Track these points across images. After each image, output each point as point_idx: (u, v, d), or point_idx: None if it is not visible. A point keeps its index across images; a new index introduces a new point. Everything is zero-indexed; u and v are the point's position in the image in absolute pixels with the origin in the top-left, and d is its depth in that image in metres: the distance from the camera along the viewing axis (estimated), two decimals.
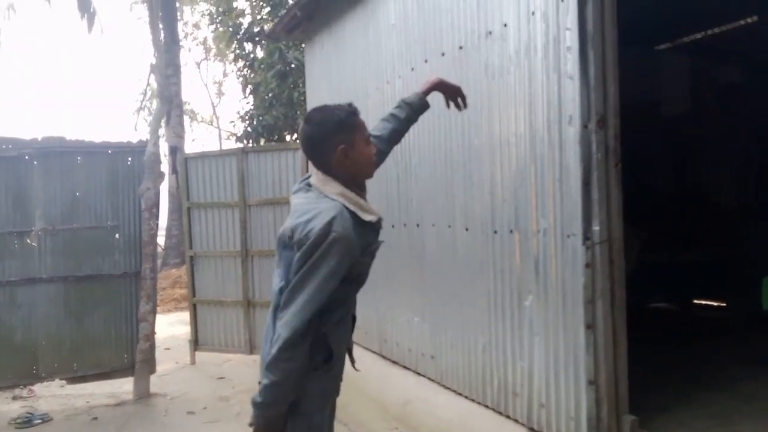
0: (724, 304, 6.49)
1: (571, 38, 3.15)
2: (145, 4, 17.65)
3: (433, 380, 4.50)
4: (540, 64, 3.37)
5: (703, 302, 6.79)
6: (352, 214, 1.97)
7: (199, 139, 32.95)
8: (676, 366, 4.30)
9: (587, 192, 3.15)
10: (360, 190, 2.11)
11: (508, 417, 3.71)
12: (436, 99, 4.31)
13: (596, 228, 3.14)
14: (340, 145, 2.00)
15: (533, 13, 3.41)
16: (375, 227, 2.11)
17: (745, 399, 3.88)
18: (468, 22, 3.97)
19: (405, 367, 4.90)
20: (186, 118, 20.42)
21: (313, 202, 1.99)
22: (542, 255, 3.40)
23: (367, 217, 2.03)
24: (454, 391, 4.24)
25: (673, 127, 6.98)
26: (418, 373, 4.70)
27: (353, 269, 2.00)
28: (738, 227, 6.24)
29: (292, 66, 10.09)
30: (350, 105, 2.09)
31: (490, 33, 3.77)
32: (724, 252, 5.95)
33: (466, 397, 4.11)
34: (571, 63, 3.16)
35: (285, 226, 2.02)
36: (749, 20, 7.07)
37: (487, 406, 3.90)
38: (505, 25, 3.63)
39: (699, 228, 6.35)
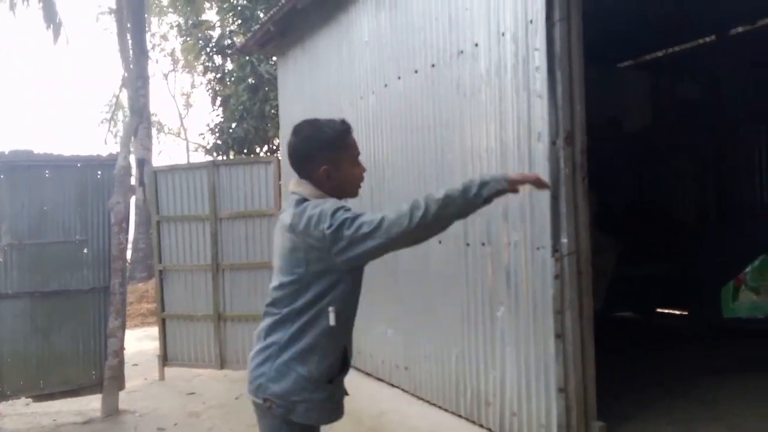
0: (686, 313, 6.72)
1: (539, 58, 3.29)
2: (112, 15, 17.43)
3: (406, 391, 4.56)
4: (510, 83, 3.50)
5: (666, 311, 7.01)
6: None
7: (166, 152, 32.63)
8: (640, 373, 4.45)
9: (555, 206, 3.28)
10: None
11: (481, 426, 3.79)
12: (410, 114, 4.41)
13: (564, 240, 3.26)
14: (323, 166, 1.97)
15: (503, 34, 3.54)
16: None
17: (705, 405, 4.05)
18: (440, 40, 4.09)
19: (379, 379, 4.95)
20: (153, 130, 20.17)
21: (295, 205, 1.98)
22: (513, 267, 3.51)
23: None
24: (428, 401, 4.31)
25: (634, 142, 7.23)
26: (392, 385, 4.76)
27: (352, 274, 2.00)
28: (697, 239, 6.48)
29: (265, 78, 10.11)
30: (343, 122, 2.04)
31: (462, 52, 3.89)
32: (685, 263, 6.17)
33: (439, 407, 4.18)
34: (539, 82, 3.30)
35: (284, 230, 1.99)
36: (707, 39, 7.41)
37: (460, 416, 3.97)
38: (476, 45, 3.76)
39: (660, 240, 6.58)
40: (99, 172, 5.72)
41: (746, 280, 4.09)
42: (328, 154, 1.98)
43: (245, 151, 10.99)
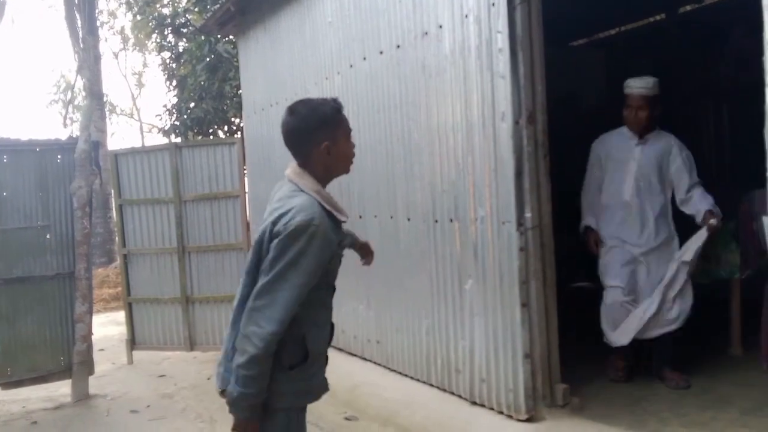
0: None
1: (502, 40, 3.42)
2: None
3: (379, 364, 4.72)
4: (474, 64, 3.62)
5: None
6: (327, 212, 2.00)
7: (119, 133, 31.68)
8: (600, 339, 4.71)
9: (519, 182, 3.44)
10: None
11: (451, 393, 3.98)
12: (377, 94, 4.50)
13: (528, 215, 3.43)
14: (324, 141, 2.02)
15: (466, 16, 3.64)
16: (341, 225, 2.16)
17: None
18: (405, 22, 4.17)
19: (351, 354, 5.09)
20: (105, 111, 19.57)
21: (289, 196, 2.00)
22: (480, 241, 3.67)
23: (341, 217, 2.08)
24: (400, 372, 4.47)
25: (590, 121, 7.47)
26: (365, 359, 4.91)
27: (331, 263, 2.05)
28: None
29: (224, 58, 9.94)
30: (335, 100, 2.10)
31: (426, 33, 3.98)
32: None
33: (411, 378, 4.35)
34: (502, 63, 3.43)
35: (265, 221, 2.02)
36: (657, 17, 7.68)
37: (432, 385, 4.15)
38: (441, 27, 3.85)
39: None
40: (59, 156, 5.63)
41: None
42: (326, 131, 2.03)
43: (206, 131, 10.84)
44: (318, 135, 2.02)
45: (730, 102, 6.90)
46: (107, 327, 9.15)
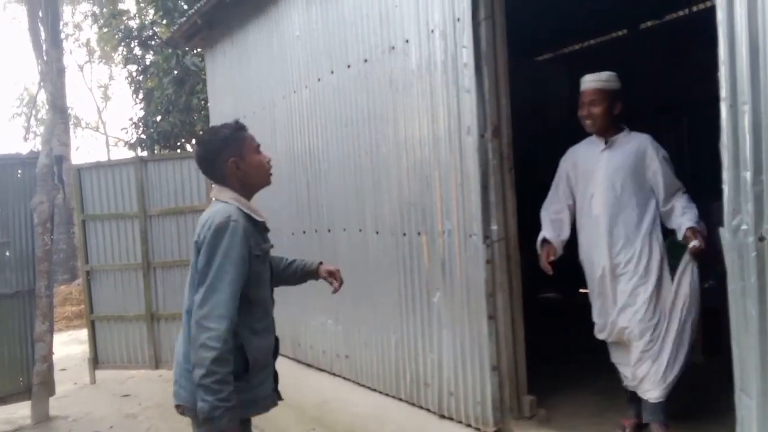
0: None
1: (467, 55, 3.46)
2: (22, 4, 16.40)
3: (348, 379, 4.68)
4: (440, 78, 3.65)
5: (586, 291, 7.44)
6: (246, 215, 2.16)
7: (84, 147, 31.08)
8: (566, 349, 4.75)
9: (485, 195, 3.47)
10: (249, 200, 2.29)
11: (420, 407, 3.96)
12: (345, 108, 4.49)
13: (494, 227, 3.46)
14: (230, 158, 2.19)
15: (432, 31, 3.68)
16: (264, 229, 2.29)
17: None
18: (372, 36, 4.19)
19: (320, 369, 5.04)
20: (70, 125, 19.18)
21: (212, 208, 2.17)
22: (447, 254, 3.68)
23: (259, 218, 2.23)
24: (369, 387, 4.44)
25: (555, 134, 7.60)
26: (334, 374, 4.86)
27: (257, 265, 2.16)
28: None
29: (191, 71, 9.85)
30: (236, 122, 2.28)
31: (393, 48, 4.01)
32: None
33: (380, 393, 4.32)
34: (467, 78, 3.46)
35: (196, 234, 2.16)
36: (620, 33, 7.88)
37: (400, 399, 4.13)
38: (407, 41, 3.88)
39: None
40: (19, 171, 5.49)
41: None
42: (230, 149, 2.20)
43: (173, 145, 10.70)
44: (223, 155, 2.19)
45: (690, 116, 7.09)
46: (70, 346, 8.90)
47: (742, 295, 2.34)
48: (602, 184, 3.29)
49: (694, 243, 3.08)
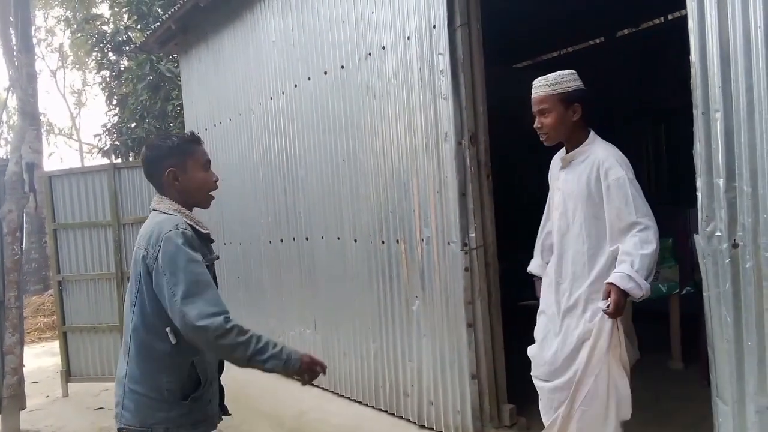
0: None
1: (443, 62, 3.44)
2: None
3: (326, 390, 4.61)
4: (417, 85, 3.63)
5: None
6: (190, 226, 2.07)
7: (57, 154, 30.56)
8: None
9: (464, 202, 3.45)
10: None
11: (400, 417, 3.92)
12: (322, 114, 4.45)
13: (473, 235, 3.44)
14: (169, 168, 2.08)
15: (408, 38, 3.66)
16: (209, 239, 2.21)
17: None
18: (349, 43, 4.16)
19: None
20: (42, 131, 18.83)
21: (153, 220, 2.07)
22: (426, 262, 3.66)
23: (204, 230, 2.15)
24: (348, 397, 4.38)
25: (532, 142, 7.65)
26: (312, 384, 4.78)
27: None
28: None
29: (166, 77, 9.73)
30: (192, 133, 2.21)
31: (370, 54, 3.98)
32: None
33: (359, 403, 4.27)
34: (444, 85, 3.45)
35: (136, 250, 2.05)
36: (596, 41, 7.98)
37: (380, 409, 4.08)
38: (384, 48, 3.86)
39: None
40: None
41: None
42: (172, 159, 2.10)
43: None
44: (164, 163, 2.09)
45: (666, 122, 7.19)
46: (41, 358, 8.69)
47: (717, 301, 2.35)
48: (557, 210, 2.71)
49: (599, 305, 2.39)
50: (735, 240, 2.28)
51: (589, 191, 2.54)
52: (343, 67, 4.24)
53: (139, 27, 10.58)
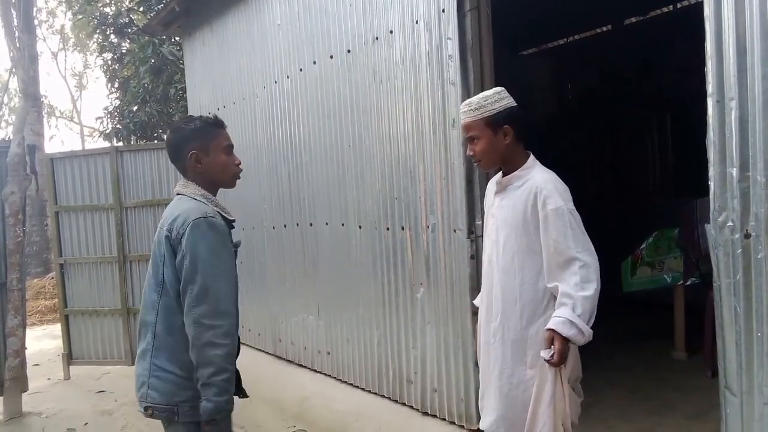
0: None
1: (452, 47, 3.39)
2: None
3: (329, 375, 4.61)
4: (425, 70, 3.58)
5: None
6: (217, 212, 2.10)
7: (58, 136, 30.47)
8: None
9: (470, 190, 3.41)
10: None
11: (403, 404, 3.91)
12: (327, 99, 4.39)
13: (479, 222, 3.41)
14: (192, 151, 2.11)
15: (417, 22, 3.61)
16: (232, 226, 2.22)
17: (608, 370, 4.39)
18: (355, 26, 4.10)
19: (301, 365, 4.96)
20: (43, 114, 18.74)
21: (177, 205, 2.08)
22: (432, 249, 3.63)
23: (230, 216, 2.18)
24: (351, 384, 4.38)
25: (537, 129, 7.60)
26: (315, 370, 4.79)
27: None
28: (597, 219, 6.91)
29: (168, 60, 9.64)
30: (215, 117, 2.21)
31: (377, 38, 3.93)
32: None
33: (362, 389, 4.27)
34: (452, 70, 3.40)
35: (159, 231, 2.07)
36: (603, 29, 7.90)
37: (383, 396, 4.08)
38: (391, 32, 3.80)
39: None
40: None
41: (642, 256, 4.43)
42: (195, 141, 2.13)
43: (150, 135, 10.50)
44: (187, 146, 2.12)
45: (673, 111, 7.13)
46: (43, 341, 8.71)
47: (728, 291, 2.33)
48: (489, 237, 2.50)
49: (542, 354, 2.21)
50: (747, 230, 2.25)
51: (525, 219, 2.30)
52: (349, 51, 4.19)
53: (141, 9, 10.49)
